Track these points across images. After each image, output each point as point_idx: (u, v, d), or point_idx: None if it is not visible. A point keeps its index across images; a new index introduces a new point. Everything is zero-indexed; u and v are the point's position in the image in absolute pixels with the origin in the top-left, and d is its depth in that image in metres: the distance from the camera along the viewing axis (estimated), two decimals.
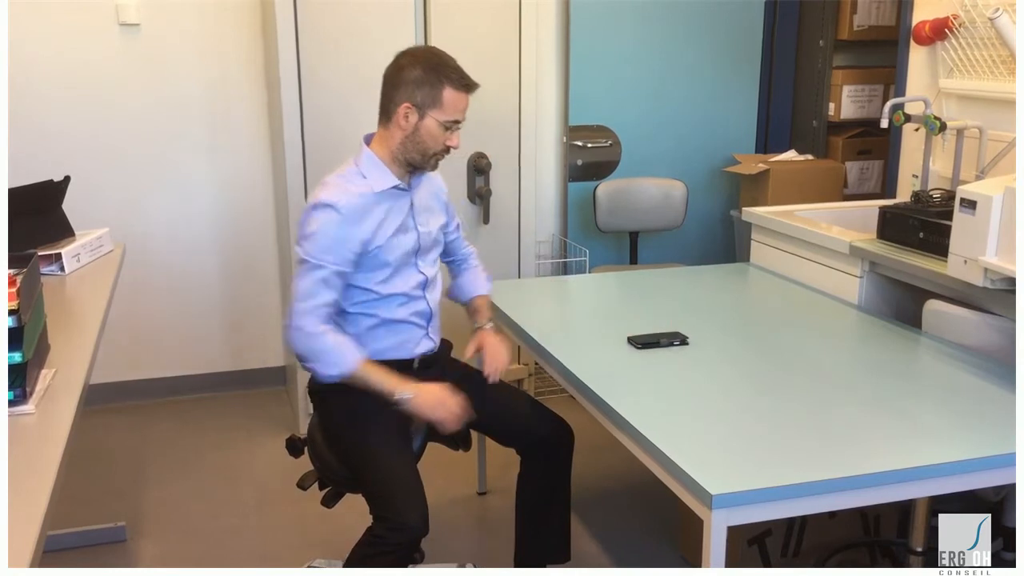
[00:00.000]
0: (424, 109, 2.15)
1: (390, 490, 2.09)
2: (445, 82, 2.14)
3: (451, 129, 2.18)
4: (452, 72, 2.16)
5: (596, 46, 3.93)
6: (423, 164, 2.23)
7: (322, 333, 2.14)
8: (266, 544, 2.87)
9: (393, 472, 2.12)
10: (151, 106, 3.68)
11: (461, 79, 2.17)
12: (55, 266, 2.54)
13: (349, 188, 2.17)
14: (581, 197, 4.03)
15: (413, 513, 2.04)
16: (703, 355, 2.33)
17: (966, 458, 1.78)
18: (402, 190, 2.25)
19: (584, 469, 3.31)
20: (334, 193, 2.15)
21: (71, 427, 1.63)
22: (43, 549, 1.32)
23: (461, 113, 2.19)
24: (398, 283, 2.26)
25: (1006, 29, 2.81)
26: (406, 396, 2.14)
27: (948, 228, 2.38)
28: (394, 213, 2.23)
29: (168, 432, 3.65)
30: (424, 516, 2.05)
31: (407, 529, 2.03)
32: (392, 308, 2.27)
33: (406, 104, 2.15)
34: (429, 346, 2.36)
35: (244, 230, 3.90)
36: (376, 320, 2.26)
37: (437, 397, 2.16)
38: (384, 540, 2.04)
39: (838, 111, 4.11)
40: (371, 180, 2.20)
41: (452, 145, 2.21)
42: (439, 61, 2.17)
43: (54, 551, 2.75)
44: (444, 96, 2.14)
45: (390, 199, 2.23)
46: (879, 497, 1.75)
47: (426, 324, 2.34)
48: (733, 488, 1.64)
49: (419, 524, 2.03)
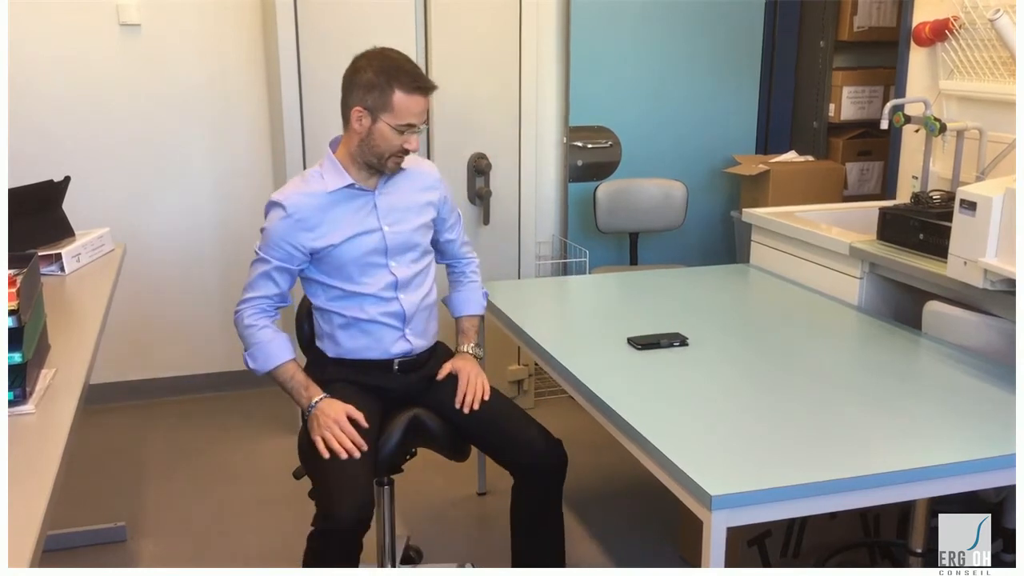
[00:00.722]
0: (376, 113, 2.15)
1: (328, 480, 2.08)
2: (395, 86, 2.12)
3: (406, 132, 2.17)
4: (403, 76, 2.13)
5: (596, 47, 3.93)
6: (380, 166, 2.23)
7: (256, 326, 2.23)
8: (266, 544, 2.86)
9: (334, 465, 2.09)
10: (151, 106, 3.68)
11: (413, 82, 2.13)
12: (55, 266, 2.54)
13: (303, 188, 2.23)
14: (581, 198, 4.03)
15: (343, 505, 2.01)
16: (703, 356, 2.33)
17: (966, 459, 1.78)
18: (361, 190, 2.25)
19: (584, 469, 3.31)
20: (286, 192, 2.23)
21: (71, 427, 1.63)
22: (43, 549, 1.32)
23: (415, 116, 2.16)
24: (367, 283, 2.27)
25: (1006, 30, 2.81)
26: (309, 408, 2.17)
27: (948, 229, 2.38)
28: (353, 213, 2.24)
29: (168, 432, 3.65)
30: (358, 508, 2.01)
31: (339, 520, 1.99)
32: (361, 308, 2.27)
33: (358, 108, 2.16)
34: (406, 348, 2.33)
35: (244, 230, 3.89)
36: (345, 319, 2.28)
37: (330, 418, 2.14)
38: (319, 531, 2.03)
39: (838, 112, 4.11)
40: (327, 180, 2.23)
41: (409, 148, 2.19)
42: (391, 64, 2.14)
43: (54, 551, 2.75)
44: (394, 100, 2.13)
45: (348, 199, 2.24)
46: (879, 498, 1.75)
47: (401, 325, 2.31)
48: (733, 489, 1.64)
49: (349, 516, 1.99)
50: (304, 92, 3.39)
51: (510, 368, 3.82)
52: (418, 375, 2.36)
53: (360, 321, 2.28)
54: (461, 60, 3.57)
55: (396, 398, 2.33)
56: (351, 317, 2.28)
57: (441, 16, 3.51)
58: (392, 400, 2.32)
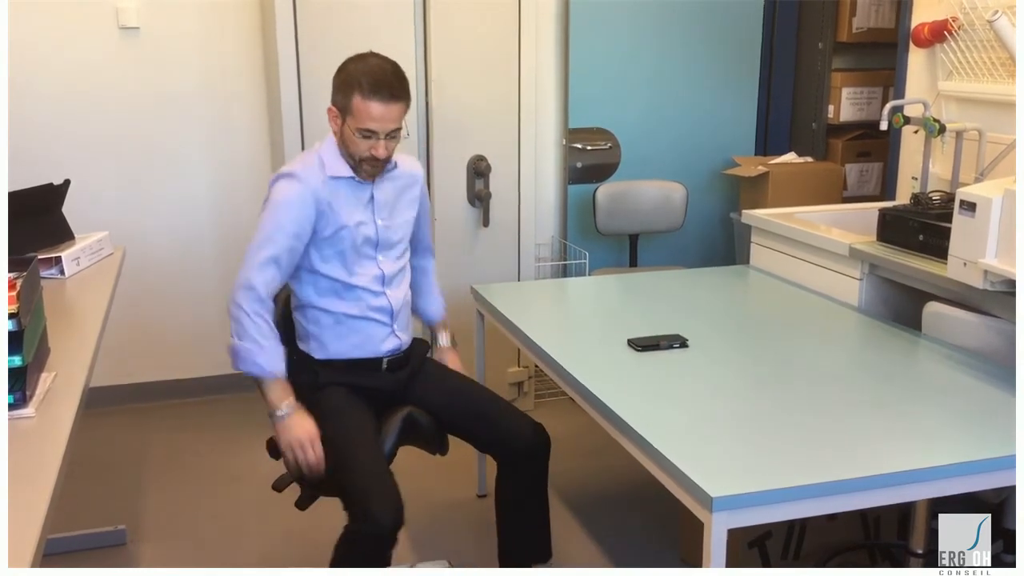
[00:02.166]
0: (343, 114, 2.17)
1: (361, 486, 2.09)
2: (355, 89, 2.12)
3: (369, 138, 2.15)
4: (365, 80, 2.11)
5: (596, 49, 3.94)
6: (356, 168, 2.24)
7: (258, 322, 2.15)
8: (266, 547, 2.86)
9: (364, 468, 2.12)
10: (151, 109, 3.68)
11: (372, 88, 2.11)
12: (55, 269, 2.54)
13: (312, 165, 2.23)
14: (581, 199, 4.03)
15: (384, 507, 2.04)
16: (703, 357, 2.33)
17: (966, 460, 1.77)
18: (359, 182, 2.26)
19: (584, 471, 3.31)
20: (294, 167, 2.22)
21: (71, 430, 1.63)
22: (43, 552, 1.32)
23: (374, 122, 2.13)
24: (359, 274, 2.28)
25: (1005, 31, 2.81)
26: (279, 414, 2.16)
27: (948, 230, 2.38)
28: (355, 200, 2.26)
29: (169, 435, 3.65)
30: (396, 509, 2.05)
31: (379, 523, 2.02)
32: (351, 303, 2.28)
33: (331, 107, 2.20)
34: (396, 344, 2.36)
35: (244, 233, 3.86)
36: (336, 317, 2.28)
37: (298, 438, 2.15)
38: (357, 535, 2.05)
39: (837, 113, 4.11)
40: (328, 165, 2.23)
41: (376, 155, 2.18)
42: (361, 68, 2.14)
43: (54, 554, 2.75)
44: (353, 103, 2.13)
45: (349, 187, 2.25)
46: (879, 499, 1.75)
47: (390, 321, 2.34)
48: (733, 490, 1.64)
49: (390, 518, 2.03)
50: (303, 95, 3.40)
51: (510, 370, 3.82)
52: (404, 372, 2.39)
53: (350, 318, 2.29)
54: (460, 62, 3.57)
55: (383, 397, 2.35)
56: (341, 314, 2.28)
57: (441, 18, 3.51)
58: (380, 400, 2.34)
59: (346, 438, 2.18)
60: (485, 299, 2.84)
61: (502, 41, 3.62)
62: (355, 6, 3.41)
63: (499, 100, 3.65)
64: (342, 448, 2.16)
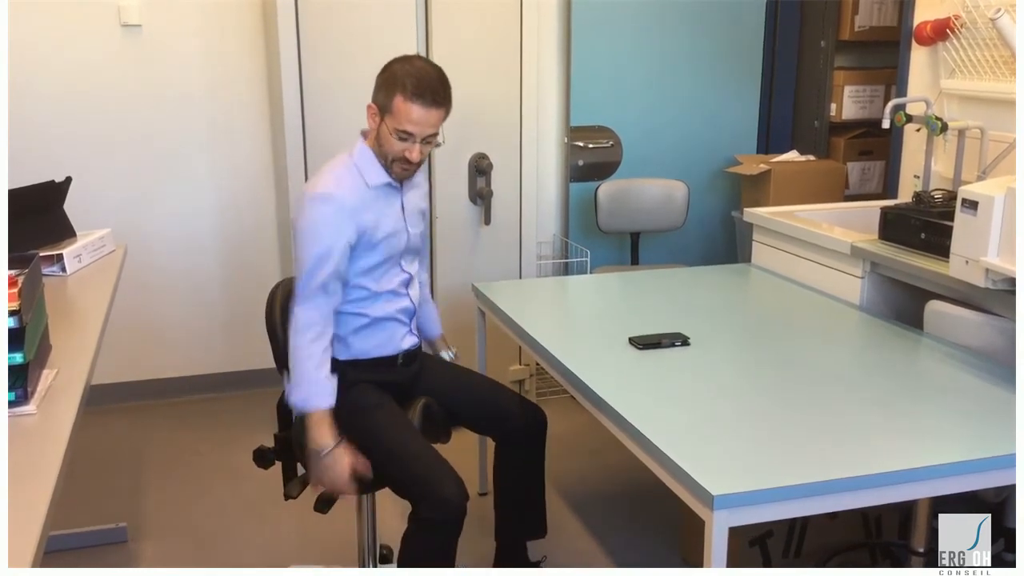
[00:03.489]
0: (383, 112, 2.17)
1: (423, 474, 2.11)
2: (398, 89, 2.11)
3: (405, 140, 2.15)
4: (409, 81, 2.10)
5: (597, 47, 3.93)
6: (388, 168, 2.23)
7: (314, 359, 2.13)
8: (266, 545, 2.87)
9: (418, 454, 2.15)
10: (152, 107, 3.68)
11: (415, 89, 2.10)
12: (57, 267, 2.54)
13: (346, 180, 2.19)
14: (582, 198, 4.03)
15: (454, 490, 2.07)
16: (704, 356, 2.33)
17: (966, 459, 1.77)
18: (394, 188, 2.27)
19: (585, 469, 3.31)
20: (328, 186, 2.17)
21: (72, 428, 1.63)
22: (44, 550, 1.32)
23: (414, 125, 2.13)
24: (387, 280, 2.30)
25: (1007, 29, 2.80)
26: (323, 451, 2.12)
27: (949, 229, 2.38)
28: (389, 210, 2.27)
29: (170, 433, 3.66)
30: (461, 486, 2.09)
31: (453, 505, 2.06)
32: (381, 306, 2.30)
33: (371, 104, 2.20)
34: (413, 342, 2.41)
35: (246, 231, 3.90)
36: (367, 319, 2.30)
37: (336, 473, 2.12)
38: (432, 520, 2.08)
39: (839, 112, 4.11)
40: (365, 174, 2.22)
41: (410, 158, 2.18)
42: (407, 69, 2.13)
43: (55, 552, 2.75)
44: (395, 103, 2.13)
45: (384, 195, 2.25)
46: (880, 498, 1.75)
47: (408, 321, 2.39)
48: (734, 489, 1.64)
49: (459, 496, 2.07)
50: (305, 92, 3.40)
51: (511, 368, 3.82)
52: (416, 365, 2.44)
53: (379, 320, 2.31)
54: (462, 60, 3.56)
55: (398, 390, 2.38)
56: (373, 317, 2.30)
57: (442, 16, 3.51)
58: (395, 392, 2.36)
59: (391, 431, 2.20)
60: (487, 297, 2.84)
61: (504, 40, 3.61)
62: (357, 5, 3.41)
63: (501, 98, 3.65)
64: (391, 441, 2.18)
